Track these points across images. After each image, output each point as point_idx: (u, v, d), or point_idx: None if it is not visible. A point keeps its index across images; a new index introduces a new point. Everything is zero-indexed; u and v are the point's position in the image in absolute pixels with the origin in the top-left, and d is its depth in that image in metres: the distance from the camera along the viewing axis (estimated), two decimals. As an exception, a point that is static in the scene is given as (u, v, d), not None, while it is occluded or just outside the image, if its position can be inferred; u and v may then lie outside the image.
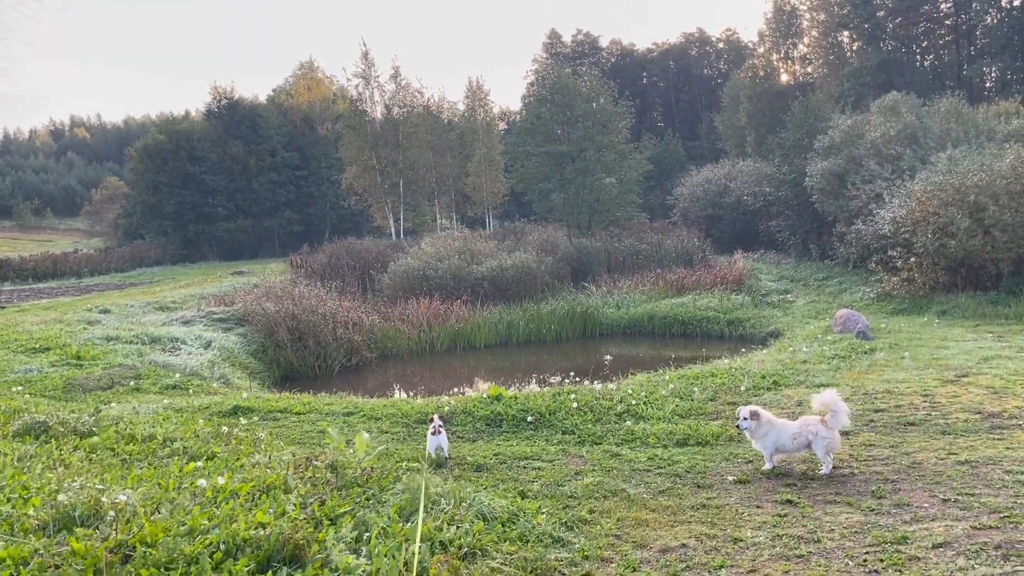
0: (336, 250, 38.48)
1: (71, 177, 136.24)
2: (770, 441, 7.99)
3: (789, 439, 7.88)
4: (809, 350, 16.57)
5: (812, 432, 7.78)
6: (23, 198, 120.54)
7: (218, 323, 24.99)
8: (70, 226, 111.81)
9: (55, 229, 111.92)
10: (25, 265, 54.28)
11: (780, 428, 7.98)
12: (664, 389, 12.15)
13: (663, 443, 9.46)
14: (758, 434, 8.02)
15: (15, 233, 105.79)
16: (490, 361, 23.84)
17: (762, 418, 7.98)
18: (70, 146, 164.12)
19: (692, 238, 37.88)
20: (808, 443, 7.83)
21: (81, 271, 55.15)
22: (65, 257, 58.16)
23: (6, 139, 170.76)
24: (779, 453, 8.07)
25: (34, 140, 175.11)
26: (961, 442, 8.67)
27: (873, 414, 10.23)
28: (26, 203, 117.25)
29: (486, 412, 10.94)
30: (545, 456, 9.00)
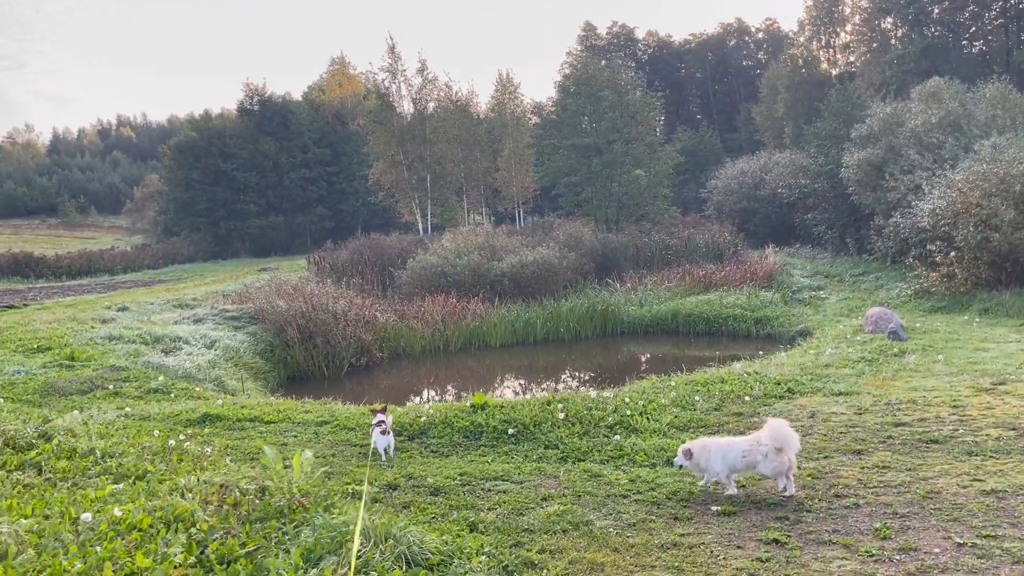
0: (359, 246, 37.82)
1: (115, 175, 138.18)
2: (718, 464, 7.42)
3: (739, 457, 7.33)
4: (834, 352, 15.41)
5: (762, 452, 7.24)
6: (69, 196, 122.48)
7: (230, 321, 24.45)
8: (113, 223, 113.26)
9: (99, 226, 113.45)
10: (60, 262, 54.75)
11: (727, 448, 7.45)
12: (665, 397, 11.15)
13: (652, 461, 8.50)
14: (702, 465, 7.52)
15: (60, 230, 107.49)
16: (504, 361, 22.96)
17: (695, 452, 7.54)
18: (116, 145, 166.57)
19: (723, 232, 36.53)
20: (756, 464, 7.30)
21: (114, 268, 55.49)
22: (100, 254, 58.60)
23: (55, 139, 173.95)
24: (734, 473, 7.49)
25: (82, 140, 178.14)
26: (989, 465, 7.57)
27: (893, 429, 9.13)
28: (71, 201, 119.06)
29: (466, 423, 10.05)
30: (516, 476, 8.09)
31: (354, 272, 33.09)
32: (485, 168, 53.54)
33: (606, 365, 21.82)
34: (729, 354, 20.76)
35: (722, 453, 7.40)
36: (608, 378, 19.44)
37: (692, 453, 7.55)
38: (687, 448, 7.62)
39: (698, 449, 7.55)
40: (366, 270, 33.17)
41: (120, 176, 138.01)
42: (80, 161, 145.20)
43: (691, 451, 7.57)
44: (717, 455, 7.40)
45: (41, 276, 51.92)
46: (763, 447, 7.24)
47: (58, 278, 51.94)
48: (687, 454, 7.57)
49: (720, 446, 7.50)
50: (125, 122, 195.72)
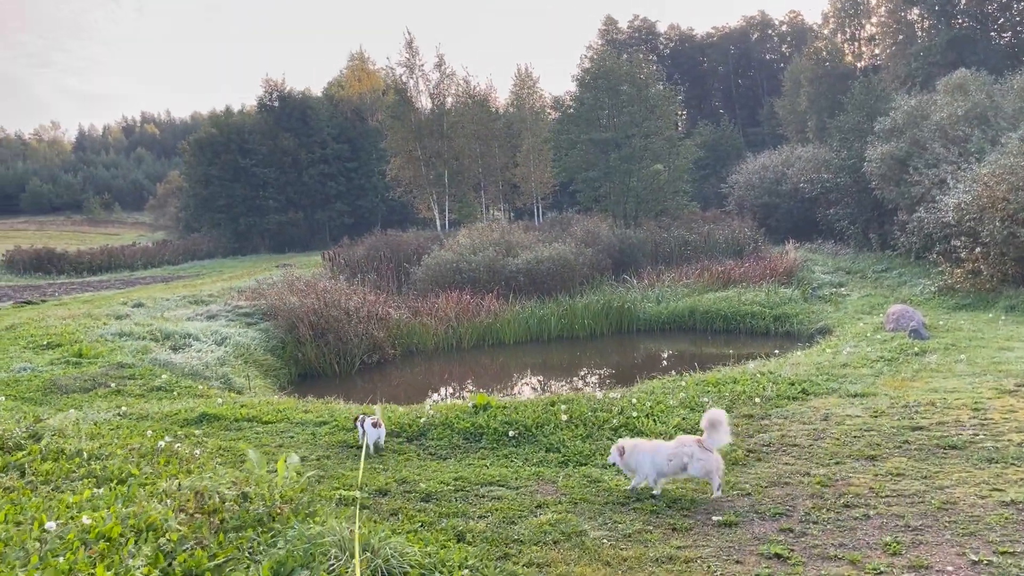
0: (375, 243, 37.67)
1: (139, 172, 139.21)
2: (647, 466, 7.34)
3: (665, 460, 7.26)
4: (853, 351, 14.98)
5: (687, 453, 7.18)
6: (94, 193, 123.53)
7: (242, 318, 24.35)
8: (137, 220, 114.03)
9: (122, 223, 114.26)
10: (81, 258, 55.09)
11: (655, 450, 7.37)
12: (674, 398, 10.80)
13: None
14: (632, 466, 7.47)
15: (84, 227, 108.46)
16: (517, 359, 22.66)
17: (627, 450, 7.47)
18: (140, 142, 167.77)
19: (743, 228, 35.97)
20: (685, 465, 7.21)
21: (135, 264, 55.79)
22: (121, 250, 58.89)
23: (81, 136, 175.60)
24: (662, 477, 7.40)
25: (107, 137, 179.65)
26: (1010, 474, 7.16)
27: (909, 433, 8.73)
28: (96, 198, 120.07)
29: (467, 424, 9.76)
30: (513, 482, 7.79)
31: (369, 268, 32.90)
32: (503, 163, 53.21)
33: (620, 363, 21.46)
34: (746, 352, 20.36)
35: (651, 455, 7.32)
36: (621, 376, 19.09)
37: (624, 451, 7.48)
38: (620, 446, 7.54)
39: (630, 448, 7.47)
40: (381, 266, 32.97)
41: (144, 173, 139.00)
42: (105, 158, 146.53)
43: (623, 449, 7.49)
44: (646, 457, 7.34)
45: (63, 272, 52.27)
46: (688, 448, 7.17)
47: (79, 274, 52.26)
48: (619, 452, 7.50)
49: (649, 448, 7.42)
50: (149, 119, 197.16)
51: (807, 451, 8.33)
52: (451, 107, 49.28)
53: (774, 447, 8.62)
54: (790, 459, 8.13)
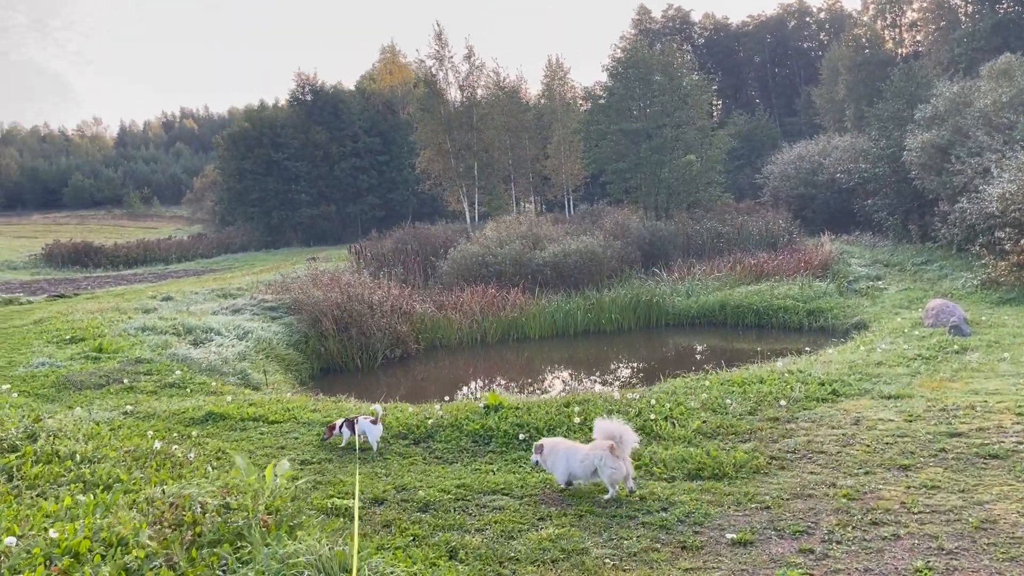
0: (403, 236, 37.43)
1: (177, 166, 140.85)
2: (561, 467, 7.41)
3: (578, 463, 7.31)
4: (889, 348, 14.31)
5: (598, 458, 7.18)
6: (133, 187, 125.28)
7: (267, 312, 24.22)
8: (175, 214, 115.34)
9: (161, 216, 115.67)
10: (118, 252, 55.67)
11: (570, 452, 7.43)
12: (696, 399, 10.29)
13: (671, 473, 7.68)
14: (549, 463, 7.55)
15: (124, 221, 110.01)
16: (543, 354, 22.23)
17: (546, 450, 7.55)
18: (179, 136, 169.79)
19: (778, 219, 35.09)
20: (596, 469, 7.24)
21: (169, 257, 56.27)
22: (156, 244, 59.49)
23: (122, 131, 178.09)
24: (574, 478, 7.44)
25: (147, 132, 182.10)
26: (1057, 487, 6.58)
27: (947, 440, 8.14)
28: (135, 192, 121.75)
29: (476, 426, 9.35)
30: (518, 490, 7.37)
31: (396, 262, 32.64)
32: (534, 155, 52.68)
33: (647, 359, 20.92)
34: (778, 348, 19.73)
35: (566, 456, 7.37)
36: (647, 372, 18.57)
37: (543, 450, 7.54)
38: (540, 444, 7.62)
39: (549, 448, 7.55)
40: (408, 260, 32.70)
41: (182, 167, 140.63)
42: (144, 153, 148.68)
43: (543, 448, 7.56)
44: (561, 458, 7.38)
45: (99, 265, 52.86)
46: (599, 453, 7.16)
47: (115, 267, 52.80)
48: (539, 450, 7.57)
49: (567, 449, 7.45)
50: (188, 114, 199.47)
51: (835, 459, 7.79)
52: (481, 99, 48.81)
53: (799, 454, 8.09)
54: (815, 468, 7.60)
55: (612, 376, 18.77)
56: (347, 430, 9.02)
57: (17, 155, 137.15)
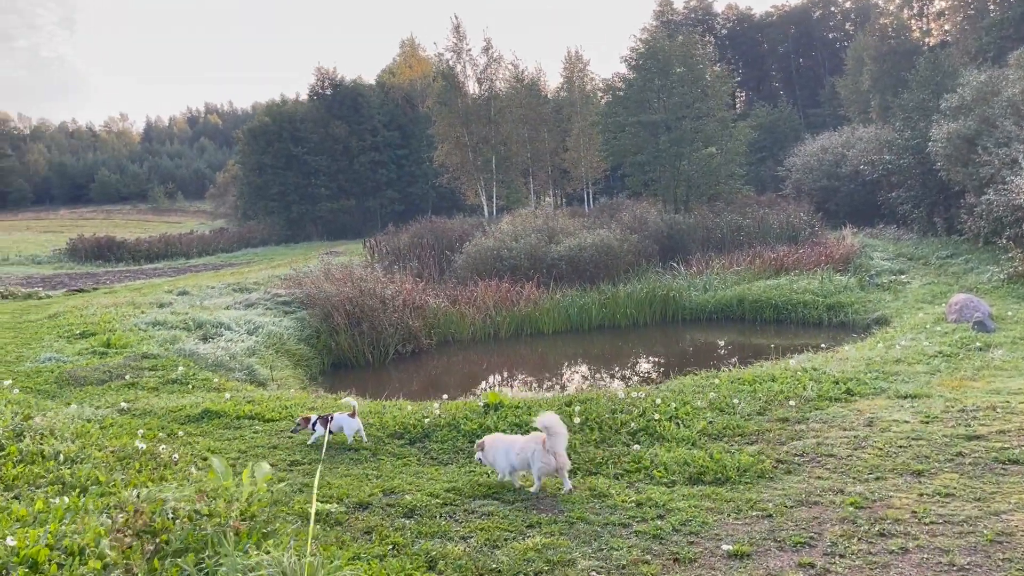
0: (420, 229, 37.22)
1: (201, 161, 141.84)
2: (503, 461, 7.47)
3: (515, 455, 7.37)
4: (909, 344, 13.85)
5: (530, 451, 7.25)
6: (158, 182, 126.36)
7: (281, 306, 24.09)
8: (199, 208, 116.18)
9: (185, 211, 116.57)
10: (140, 246, 56.08)
11: (509, 446, 7.48)
12: (703, 398, 9.93)
13: (671, 477, 7.34)
14: (490, 458, 7.60)
15: (148, 215, 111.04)
16: (556, 349, 21.90)
17: (487, 446, 7.63)
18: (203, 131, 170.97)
19: (799, 212, 34.45)
20: (528, 462, 7.31)
21: (190, 252, 56.56)
22: (178, 238, 59.76)
23: (148, 127, 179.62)
24: (515, 471, 7.47)
25: (172, 127, 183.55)
26: (1080, 496, 6.17)
27: (964, 443, 7.73)
28: (160, 187, 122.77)
29: (474, 426, 9.06)
30: (510, 495, 7.06)
31: (411, 256, 32.44)
32: (553, 148, 52.27)
33: (661, 354, 20.54)
34: (797, 343, 19.27)
35: (506, 450, 7.42)
36: (661, 369, 18.21)
37: (484, 447, 7.62)
38: (481, 442, 7.69)
39: (489, 443, 7.61)
40: (424, 254, 32.47)
41: (206, 162, 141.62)
42: (169, 148, 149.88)
43: (484, 444, 7.64)
44: (503, 452, 7.44)
45: (121, 260, 53.19)
46: (532, 446, 7.20)
47: (137, 262, 53.13)
48: (480, 447, 7.65)
49: (506, 443, 7.52)
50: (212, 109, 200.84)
51: (844, 463, 7.41)
52: (499, 91, 48.47)
53: (807, 457, 7.72)
54: (824, 472, 7.23)
55: (626, 372, 18.42)
56: (320, 427, 8.81)
57: (45, 151, 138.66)
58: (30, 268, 49.50)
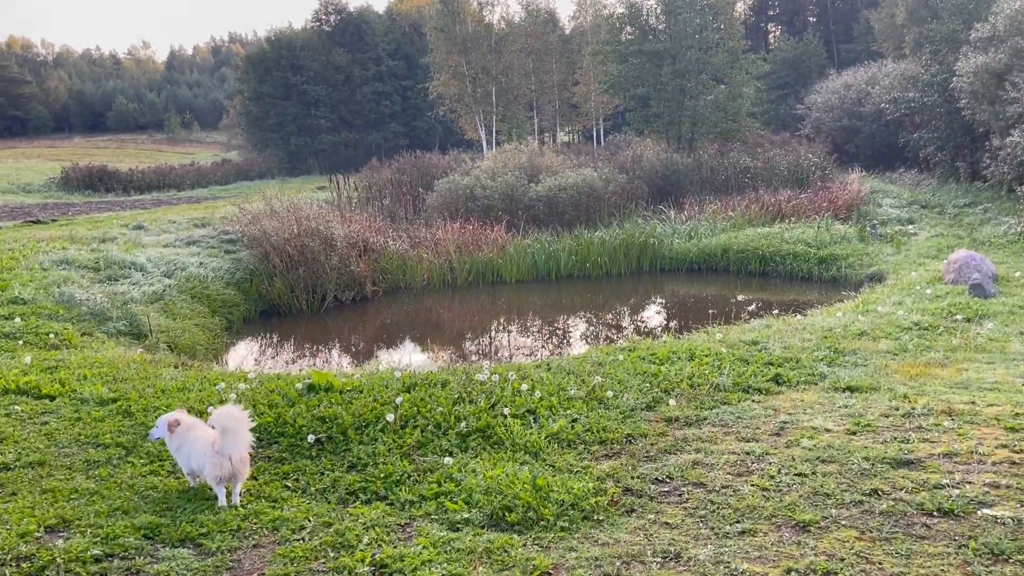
0: (402, 165, 34.91)
1: (220, 92, 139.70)
2: (184, 458, 5.87)
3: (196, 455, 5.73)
4: (887, 311, 11.57)
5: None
6: (175, 112, 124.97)
7: (225, 245, 22.27)
8: (215, 139, 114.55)
9: (200, 142, 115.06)
10: (132, 177, 54.53)
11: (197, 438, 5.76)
12: (587, 383, 7.81)
13: (466, 513, 5.25)
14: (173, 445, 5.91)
15: (163, 145, 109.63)
16: (513, 302, 19.80)
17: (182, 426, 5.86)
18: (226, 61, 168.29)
19: (809, 154, 31.63)
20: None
21: (183, 184, 54.93)
22: (170, 170, 58.08)
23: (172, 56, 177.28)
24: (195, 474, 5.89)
25: (195, 57, 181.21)
26: None
27: (888, 473, 5.54)
28: (176, 117, 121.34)
29: (268, 419, 7.01)
30: (225, 535, 5.05)
31: (385, 194, 30.30)
32: (560, 81, 49.36)
33: (623, 312, 18.37)
34: (778, 300, 17.10)
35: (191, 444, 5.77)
36: (613, 331, 16.13)
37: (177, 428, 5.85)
38: (174, 419, 5.89)
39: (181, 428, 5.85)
40: (399, 191, 30.29)
41: (225, 92, 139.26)
42: (188, 77, 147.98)
43: (174, 424, 5.86)
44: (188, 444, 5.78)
45: (111, 190, 51.75)
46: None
47: (127, 192, 51.63)
48: (172, 426, 5.86)
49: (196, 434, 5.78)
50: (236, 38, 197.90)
51: (712, 501, 5.28)
52: (500, 17, 45.53)
53: (669, 486, 5.60)
54: (677, 515, 5.11)
55: (572, 334, 16.32)
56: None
57: (66, 78, 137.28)
58: (18, 197, 48.10)
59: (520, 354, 14.29)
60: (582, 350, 12.99)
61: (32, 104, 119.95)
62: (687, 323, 15.71)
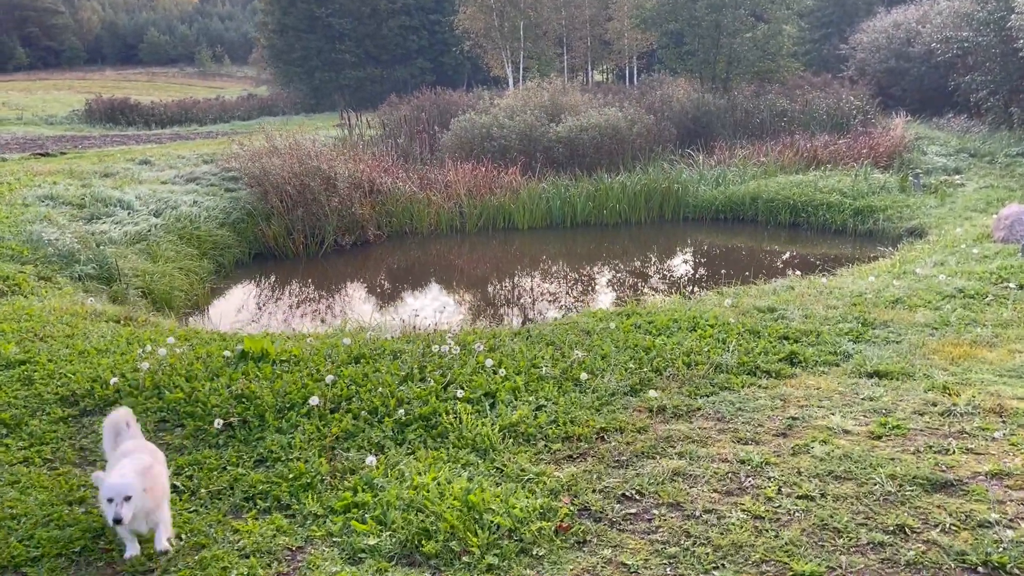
0: (422, 102, 33.45)
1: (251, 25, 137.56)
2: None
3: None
4: (927, 274, 10.21)
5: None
6: (207, 45, 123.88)
7: (225, 183, 21.19)
8: (246, 74, 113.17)
9: (230, 76, 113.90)
10: (154, 110, 53.69)
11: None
12: (565, 358, 6.64)
13: (374, 540, 4.16)
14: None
15: (193, 79, 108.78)
16: (523, 250, 18.58)
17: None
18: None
19: (850, 96, 29.64)
20: None
21: (205, 119, 53.90)
22: (194, 104, 57.03)
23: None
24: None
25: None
26: None
27: (920, 500, 4.34)
28: (207, 50, 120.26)
29: (180, 395, 5.95)
30: (49, 557, 4.01)
31: (401, 132, 28.96)
32: (592, 16, 47.13)
33: (639, 265, 17.07)
34: (810, 254, 15.77)
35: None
36: (624, 287, 14.92)
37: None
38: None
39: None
40: (416, 130, 28.93)
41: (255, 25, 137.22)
42: (220, 10, 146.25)
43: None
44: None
45: (133, 124, 50.98)
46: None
47: (148, 126, 50.78)
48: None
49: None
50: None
51: (685, 533, 4.11)
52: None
53: (638, 506, 4.44)
54: (637, 551, 3.97)
55: (574, 289, 15.10)
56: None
57: (99, 8, 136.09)
58: (38, 128, 47.46)
59: (517, 311, 13.14)
60: (583, 308, 11.82)
61: (65, 35, 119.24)
62: (704, 279, 14.45)
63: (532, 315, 12.55)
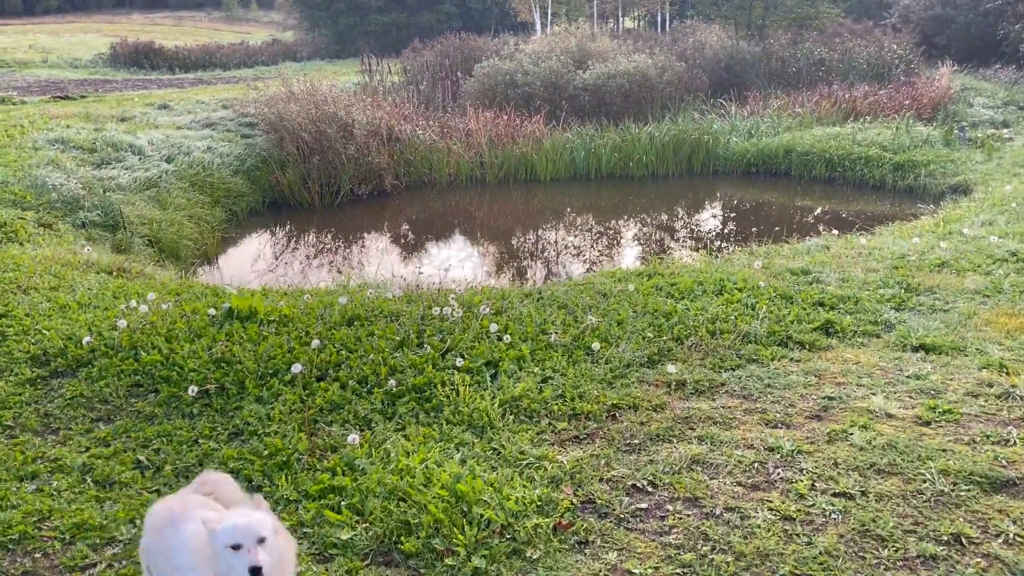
0: (445, 48, 32.50)
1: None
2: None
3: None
4: (970, 233, 9.49)
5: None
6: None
7: (242, 128, 20.63)
8: (271, 19, 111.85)
9: (257, 21, 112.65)
10: (178, 55, 53.12)
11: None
12: (576, 324, 6.08)
13: (355, 530, 3.68)
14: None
15: (219, 24, 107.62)
16: (545, 201, 17.92)
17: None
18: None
19: (893, 44, 28.30)
20: None
21: (228, 64, 53.23)
22: (218, 48, 56.33)
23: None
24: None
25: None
26: None
27: (977, 502, 3.78)
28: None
29: (158, 356, 5.49)
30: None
31: (423, 78, 28.15)
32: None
33: (665, 220, 16.35)
34: (846, 210, 15.00)
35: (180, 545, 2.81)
36: (646, 244, 14.26)
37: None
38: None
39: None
40: (439, 76, 28.10)
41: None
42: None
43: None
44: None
45: (156, 68, 50.53)
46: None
47: (172, 71, 50.25)
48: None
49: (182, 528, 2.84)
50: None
51: (703, 536, 3.57)
52: None
53: (649, 501, 3.91)
54: (647, 556, 3.44)
55: (596, 245, 14.46)
56: None
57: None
58: (62, 72, 47.14)
59: (535, 267, 12.57)
60: (605, 265, 11.24)
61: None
62: (733, 236, 13.75)
63: (551, 272, 11.97)
